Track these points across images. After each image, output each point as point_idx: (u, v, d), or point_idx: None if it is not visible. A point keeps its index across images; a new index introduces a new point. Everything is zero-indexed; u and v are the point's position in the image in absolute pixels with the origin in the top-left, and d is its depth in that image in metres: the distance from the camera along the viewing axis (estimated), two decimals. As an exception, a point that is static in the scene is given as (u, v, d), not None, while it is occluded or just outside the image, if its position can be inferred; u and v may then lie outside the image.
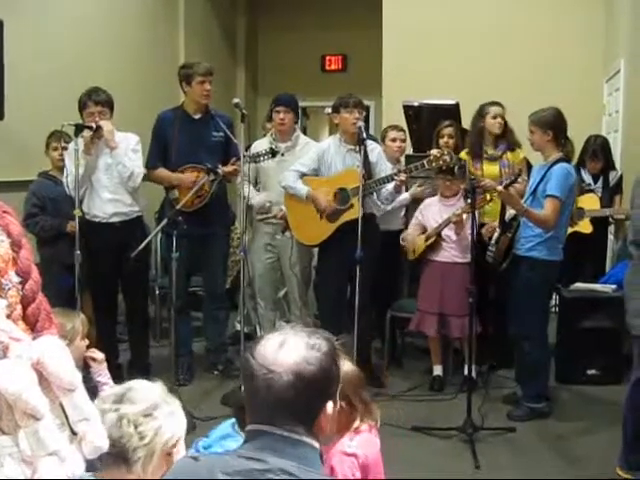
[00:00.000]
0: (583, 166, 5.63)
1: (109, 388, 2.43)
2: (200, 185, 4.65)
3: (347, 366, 2.11)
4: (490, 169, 4.97)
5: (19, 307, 1.43)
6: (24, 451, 1.25)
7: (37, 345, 1.33)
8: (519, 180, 4.36)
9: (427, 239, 4.82)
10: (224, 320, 5.21)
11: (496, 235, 4.47)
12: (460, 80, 6.67)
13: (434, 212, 4.87)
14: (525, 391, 4.39)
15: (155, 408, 1.67)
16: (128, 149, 4.64)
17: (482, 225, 4.75)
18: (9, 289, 1.41)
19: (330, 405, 1.48)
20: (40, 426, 1.25)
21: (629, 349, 4.65)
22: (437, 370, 4.90)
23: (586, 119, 6.29)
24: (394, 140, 5.32)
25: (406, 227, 5.25)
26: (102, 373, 2.85)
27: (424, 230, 4.91)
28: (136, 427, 1.62)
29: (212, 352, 5.15)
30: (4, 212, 1.49)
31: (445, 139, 5.22)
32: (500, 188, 4.13)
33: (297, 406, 1.45)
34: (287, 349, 1.46)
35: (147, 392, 1.72)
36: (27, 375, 1.25)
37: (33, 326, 1.45)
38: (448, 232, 4.74)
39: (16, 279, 1.43)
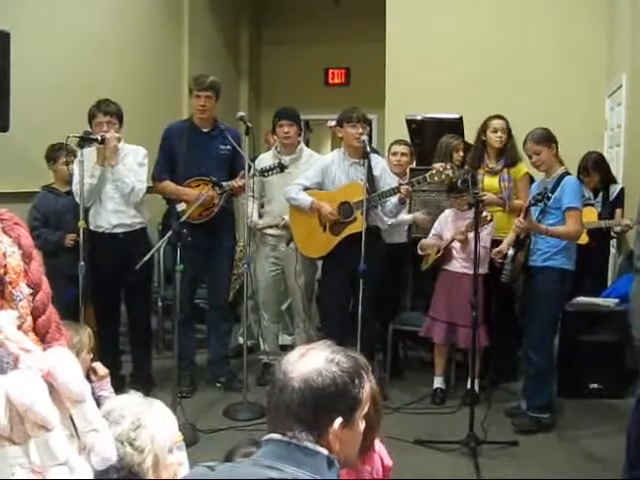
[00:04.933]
0: (582, 180, 5.63)
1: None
2: (205, 200, 4.66)
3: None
4: (490, 182, 4.98)
5: (29, 318, 1.44)
6: (34, 461, 1.26)
7: (47, 356, 1.34)
8: (546, 199, 4.32)
9: (438, 252, 4.85)
10: (227, 332, 5.20)
11: (510, 253, 4.48)
12: (463, 94, 6.69)
13: (449, 222, 4.91)
14: (530, 402, 4.38)
15: (141, 418, 1.66)
16: (135, 162, 4.67)
17: (495, 242, 4.75)
18: (20, 300, 1.42)
19: (338, 421, 1.47)
20: (50, 436, 1.26)
21: (633, 363, 4.65)
22: (438, 382, 4.89)
23: (588, 134, 6.31)
24: (395, 154, 5.36)
25: (409, 240, 5.28)
26: (105, 388, 2.80)
27: (442, 239, 4.93)
28: (131, 444, 1.61)
29: (214, 364, 5.13)
30: (15, 224, 1.50)
31: (460, 153, 5.23)
32: (523, 218, 4.14)
33: (303, 414, 1.46)
34: (306, 359, 1.50)
35: (126, 406, 1.69)
36: (38, 386, 1.26)
37: (43, 337, 1.46)
38: (455, 244, 4.76)
39: (27, 291, 1.44)
